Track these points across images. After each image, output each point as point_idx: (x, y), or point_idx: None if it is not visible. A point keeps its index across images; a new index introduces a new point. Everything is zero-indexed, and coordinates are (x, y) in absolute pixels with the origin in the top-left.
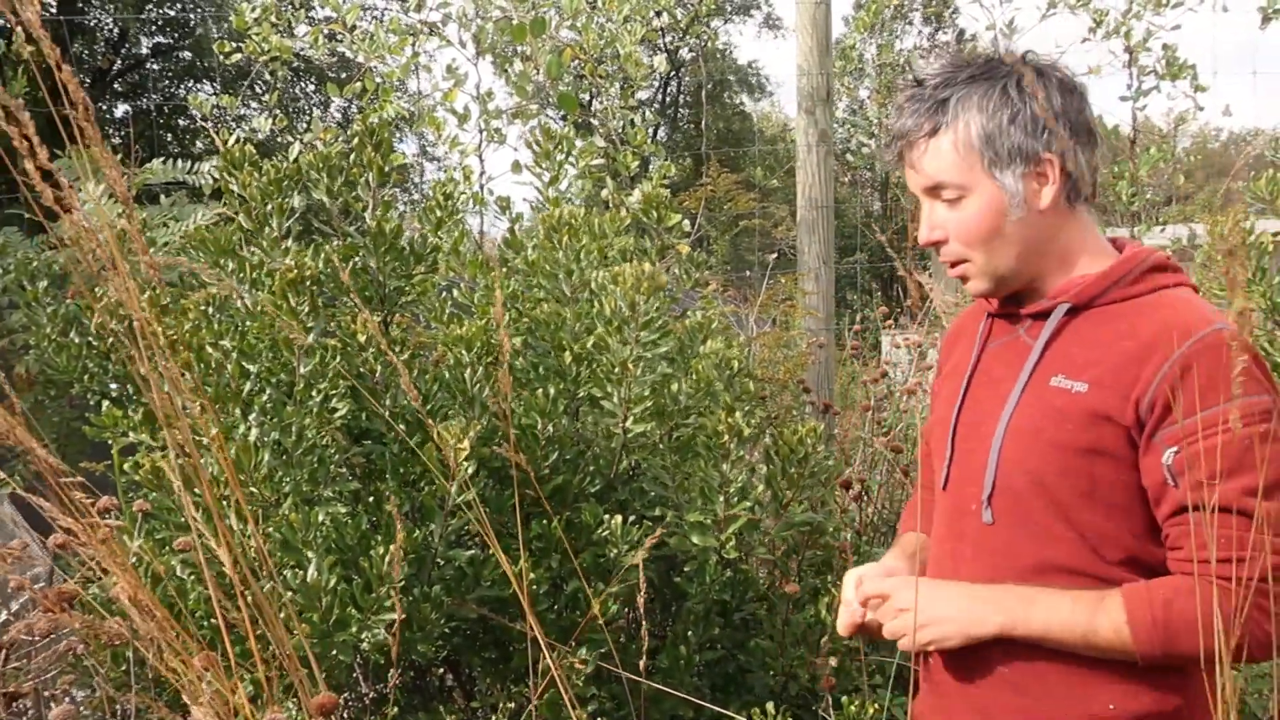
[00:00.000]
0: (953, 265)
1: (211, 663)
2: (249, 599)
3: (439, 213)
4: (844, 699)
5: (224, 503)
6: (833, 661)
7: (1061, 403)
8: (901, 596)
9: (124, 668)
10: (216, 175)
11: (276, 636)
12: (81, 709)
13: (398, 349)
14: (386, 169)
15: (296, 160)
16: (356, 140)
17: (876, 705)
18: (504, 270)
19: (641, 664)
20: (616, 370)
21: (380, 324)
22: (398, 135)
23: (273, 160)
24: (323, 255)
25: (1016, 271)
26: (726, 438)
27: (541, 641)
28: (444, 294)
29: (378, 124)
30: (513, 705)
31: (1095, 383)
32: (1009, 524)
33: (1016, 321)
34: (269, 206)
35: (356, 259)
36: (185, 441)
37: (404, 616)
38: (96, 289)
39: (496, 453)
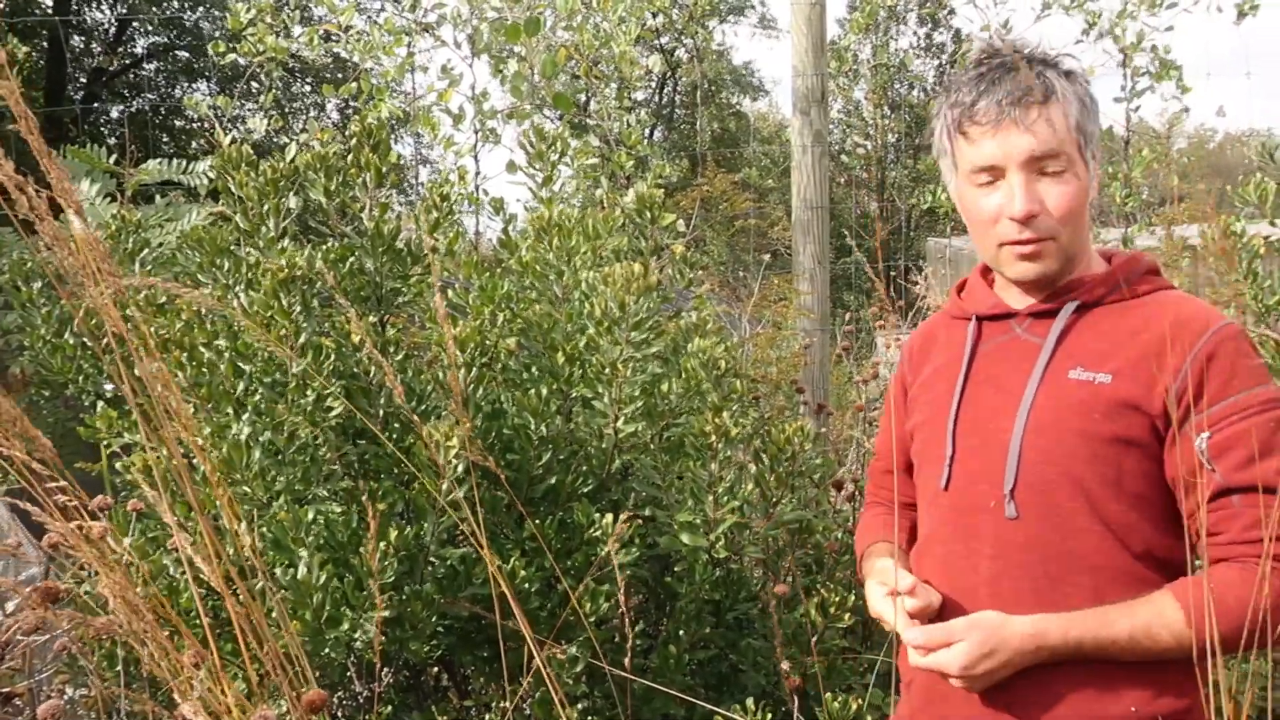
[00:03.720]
0: (1033, 243)
1: (202, 659)
2: (237, 598)
3: (435, 213)
4: (826, 696)
5: (215, 504)
6: (786, 666)
7: (1085, 394)
8: (961, 664)
9: (118, 667)
10: (212, 176)
11: (260, 635)
12: (78, 709)
13: (393, 349)
14: (384, 170)
15: (293, 160)
16: (355, 141)
17: (859, 702)
18: (498, 271)
19: (628, 661)
20: (607, 371)
21: (376, 324)
22: (393, 136)
23: (269, 160)
24: (319, 255)
25: (1077, 255)
26: (714, 438)
27: (528, 637)
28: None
29: (375, 124)
30: (506, 704)
31: (1118, 373)
32: (1034, 518)
33: (1009, 321)
34: (266, 206)
35: (353, 259)
36: (170, 443)
37: (393, 614)
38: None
39: (486, 454)
